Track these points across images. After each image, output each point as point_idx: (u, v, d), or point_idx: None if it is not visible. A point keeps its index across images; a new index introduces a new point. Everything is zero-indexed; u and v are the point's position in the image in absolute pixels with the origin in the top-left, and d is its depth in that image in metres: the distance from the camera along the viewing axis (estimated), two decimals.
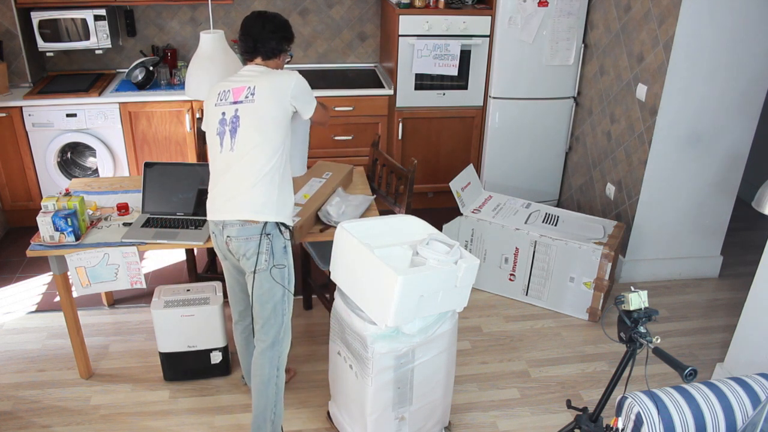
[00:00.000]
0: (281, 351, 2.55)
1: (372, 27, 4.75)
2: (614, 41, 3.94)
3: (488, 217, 3.71)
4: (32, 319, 3.50)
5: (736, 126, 3.60)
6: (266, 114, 2.39)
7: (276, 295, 2.48)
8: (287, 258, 2.49)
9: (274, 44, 2.49)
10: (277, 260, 2.45)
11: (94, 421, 2.85)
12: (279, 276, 2.46)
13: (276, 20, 2.51)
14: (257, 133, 2.38)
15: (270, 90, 2.41)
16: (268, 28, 2.47)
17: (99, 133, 4.14)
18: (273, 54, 2.51)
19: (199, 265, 3.79)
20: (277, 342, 2.53)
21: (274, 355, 2.53)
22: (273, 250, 2.43)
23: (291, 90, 2.42)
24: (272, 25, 2.48)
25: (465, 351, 3.33)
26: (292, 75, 2.45)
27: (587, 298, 3.56)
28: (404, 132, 4.47)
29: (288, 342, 2.58)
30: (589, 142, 4.34)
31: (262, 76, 2.45)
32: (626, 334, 2.11)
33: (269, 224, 2.41)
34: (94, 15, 4.13)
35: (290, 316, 2.56)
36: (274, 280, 2.45)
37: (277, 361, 2.54)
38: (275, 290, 2.47)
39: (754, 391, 2.17)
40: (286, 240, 2.47)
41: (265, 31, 2.47)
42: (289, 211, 2.49)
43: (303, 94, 2.46)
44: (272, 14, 2.53)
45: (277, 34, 2.49)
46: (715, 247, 4.00)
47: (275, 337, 2.52)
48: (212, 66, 2.86)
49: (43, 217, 2.71)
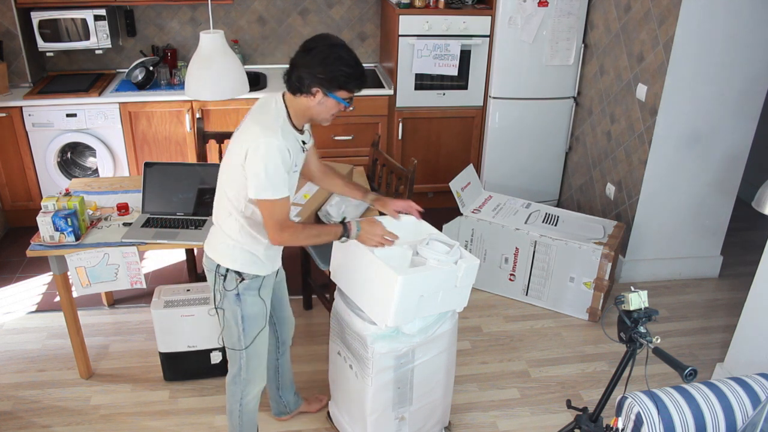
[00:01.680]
0: (243, 391, 2.41)
1: (372, 27, 4.75)
2: (614, 41, 3.94)
3: (488, 217, 3.71)
4: (32, 319, 3.50)
5: (736, 126, 3.60)
6: (231, 159, 2.12)
7: (232, 336, 2.32)
8: (241, 305, 2.25)
9: (300, 74, 2.03)
10: (226, 305, 2.26)
11: (94, 421, 2.85)
12: (231, 319, 2.29)
13: (325, 54, 2.00)
14: (224, 172, 2.17)
15: (236, 136, 2.11)
16: (310, 57, 2.01)
17: (99, 133, 4.14)
18: (294, 87, 2.05)
19: (199, 265, 3.79)
20: (238, 380, 2.39)
21: (236, 391, 2.41)
22: (225, 292, 2.25)
23: (246, 151, 2.02)
24: (318, 58, 2.00)
25: (465, 351, 3.33)
26: (257, 141, 2.00)
27: (587, 298, 3.56)
28: (404, 132, 4.47)
29: (253, 388, 2.41)
30: (589, 142, 4.34)
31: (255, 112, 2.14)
32: (626, 334, 2.11)
33: (221, 267, 2.23)
34: (94, 15, 4.13)
35: (259, 365, 2.39)
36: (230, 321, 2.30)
37: (239, 397, 2.42)
38: (231, 330, 2.31)
39: (754, 391, 2.17)
40: (238, 289, 2.23)
41: (304, 59, 2.02)
42: (257, 266, 2.24)
43: (255, 169, 2.01)
44: (339, 46, 2.03)
45: (315, 68, 2.00)
46: (715, 247, 4.00)
47: (236, 374, 2.39)
48: (212, 66, 2.86)
49: (43, 217, 2.71)
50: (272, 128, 2.04)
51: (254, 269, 2.24)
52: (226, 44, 2.92)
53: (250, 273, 2.23)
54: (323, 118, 2.13)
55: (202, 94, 2.91)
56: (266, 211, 2.08)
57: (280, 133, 2.04)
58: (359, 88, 2.10)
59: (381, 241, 2.27)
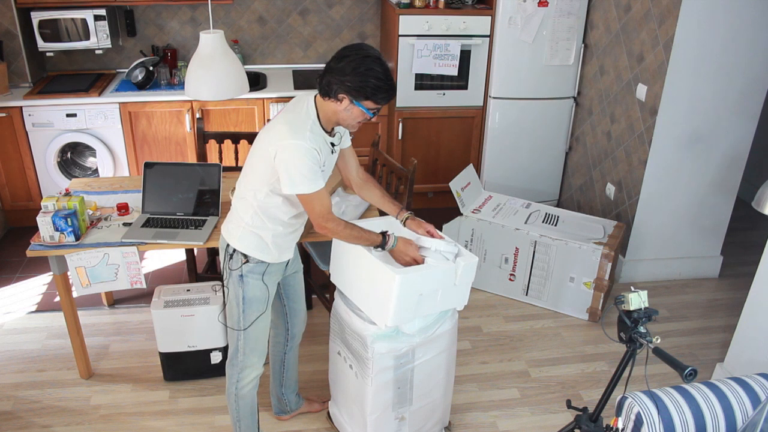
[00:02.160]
0: (240, 375, 2.43)
1: (372, 27, 4.75)
2: (614, 41, 3.94)
3: (488, 217, 3.70)
4: (32, 319, 3.50)
5: (735, 126, 3.60)
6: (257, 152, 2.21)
7: (233, 316, 2.36)
8: (243, 287, 2.30)
9: (329, 79, 2.08)
10: (230, 284, 2.32)
11: (94, 421, 2.85)
12: (233, 299, 2.34)
13: (356, 63, 2.05)
14: (250, 158, 2.25)
15: (265, 133, 2.19)
16: (343, 64, 2.06)
17: (99, 133, 4.14)
18: (323, 91, 2.11)
19: (199, 265, 3.79)
20: (235, 362, 2.42)
21: (233, 373, 2.44)
22: (230, 271, 2.31)
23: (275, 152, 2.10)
24: (351, 66, 2.04)
25: (465, 351, 3.33)
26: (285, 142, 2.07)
27: (587, 298, 3.56)
28: (404, 132, 4.47)
29: (250, 372, 2.43)
30: (589, 142, 4.34)
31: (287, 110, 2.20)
32: (626, 334, 2.11)
33: (230, 246, 2.30)
34: (94, 15, 4.13)
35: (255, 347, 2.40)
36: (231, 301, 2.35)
37: (235, 380, 2.44)
38: (232, 310, 2.36)
39: (754, 391, 2.17)
40: (242, 271, 2.29)
41: (338, 66, 2.07)
42: (262, 251, 2.28)
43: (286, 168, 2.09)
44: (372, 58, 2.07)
45: (346, 77, 2.05)
46: (715, 247, 4.00)
47: (233, 355, 2.42)
48: (212, 66, 2.86)
49: (43, 217, 2.71)
50: (300, 130, 2.09)
51: (259, 254, 2.28)
52: (226, 44, 2.92)
53: (254, 257, 2.28)
54: (348, 124, 2.18)
55: (202, 94, 2.91)
56: (306, 205, 2.17)
57: (308, 134, 2.09)
58: (387, 101, 2.13)
59: (410, 262, 2.33)
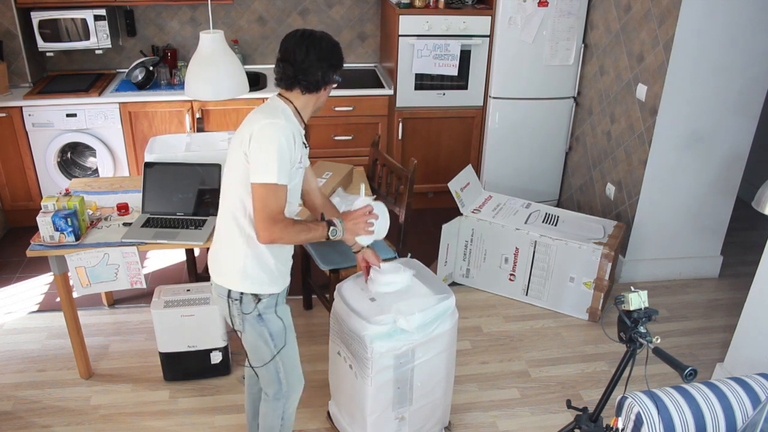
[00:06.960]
0: (286, 405, 2.36)
1: (372, 27, 4.75)
2: (614, 41, 3.94)
3: (488, 217, 3.70)
4: (32, 319, 3.50)
5: (735, 126, 3.60)
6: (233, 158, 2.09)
7: (262, 354, 2.23)
8: (266, 324, 2.18)
9: (319, 75, 2.06)
10: (248, 328, 2.17)
11: (94, 421, 2.85)
12: (258, 340, 2.20)
13: (323, 44, 2.05)
14: (227, 176, 2.11)
15: (239, 131, 2.08)
16: (313, 56, 2.03)
17: (99, 133, 4.14)
18: (316, 87, 2.08)
19: (199, 265, 3.79)
20: (280, 395, 2.33)
21: (278, 407, 2.35)
22: (243, 315, 2.16)
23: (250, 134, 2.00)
24: (319, 52, 2.03)
25: (465, 351, 3.33)
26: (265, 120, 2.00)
27: (587, 298, 3.56)
28: (404, 132, 4.47)
29: (295, 395, 2.38)
30: (589, 142, 4.34)
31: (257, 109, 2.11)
32: (626, 334, 2.11)
33: (233, 292, 2.13)
34: (94, 15, 4.13)
35: (294, 368, 2.34)
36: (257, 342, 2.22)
37: (281, 412, 2.36)
38: (260, 350, 2.23)
39: (754, 391, 2.17)
40: (258, 310, 2.15)
41: (309, 59, 2.02)
42: (271, 281, 2.15)
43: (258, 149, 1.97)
44: (319, 36, 2.06)
45: (323, 62, 2.04)
46: (715, 247, 4.00)
47: (276, 393, 2.33)
48: (212, 66, 2.86)
49: (43, 217, 2.71)
50: (276, 114, 2.04)
51: (268, 287, 2.16)
52: (226, 44, 2.92)
53: (265, 293, 2.15)
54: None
55: (202, 94, 2.91)
56: (260, 201, 1.98)
57: (283, 117, 2.04)
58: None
59: (368, 223, 2.24)
